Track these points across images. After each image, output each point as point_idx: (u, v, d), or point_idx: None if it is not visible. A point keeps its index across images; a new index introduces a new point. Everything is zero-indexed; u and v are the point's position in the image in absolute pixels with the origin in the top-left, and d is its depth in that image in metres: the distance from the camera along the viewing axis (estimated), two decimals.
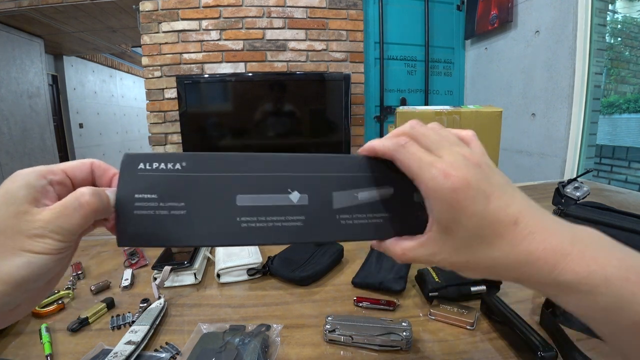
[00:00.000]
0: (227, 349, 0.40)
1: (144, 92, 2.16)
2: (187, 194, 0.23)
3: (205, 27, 2.13)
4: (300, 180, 0.24)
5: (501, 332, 0.44)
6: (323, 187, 0.25)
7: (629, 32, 2.15)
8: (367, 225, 0.25)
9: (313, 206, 0.24)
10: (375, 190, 0.25)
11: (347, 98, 2.09)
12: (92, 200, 0.20)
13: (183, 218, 0.23)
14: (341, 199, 0.25)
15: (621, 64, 2.21)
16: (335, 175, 0.25)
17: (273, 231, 0.23)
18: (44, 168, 0.21)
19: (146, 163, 0.23)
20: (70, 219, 0.20)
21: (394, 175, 0.25)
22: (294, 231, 0.24)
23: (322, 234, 0.24)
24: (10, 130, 3.03)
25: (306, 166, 0.25)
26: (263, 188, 0.24)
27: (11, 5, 2.44)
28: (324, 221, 0.24)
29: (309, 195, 0.24)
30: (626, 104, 2.24)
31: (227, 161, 0.24)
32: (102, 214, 0.21)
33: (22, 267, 0.18)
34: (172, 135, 2.19)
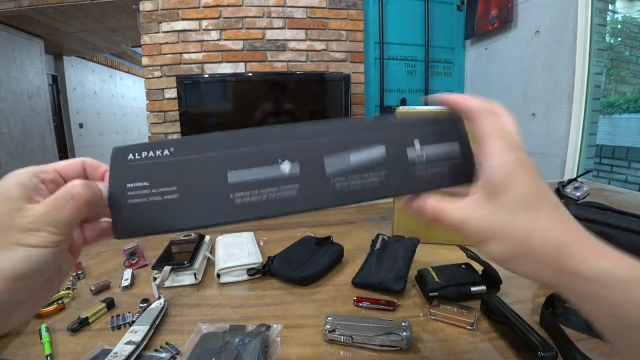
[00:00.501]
0: (227, 349, 0.40)
1: (144, 92, 2.16)
2: (178, 177, 0.23)
3: (205, 27, 2.13)
4: (289, 150, 0.24)
5: (501, 332, 0.44)
6: (313, 154, 0.24)
7: (629, 32, 2.15)
8: (363, 185, 0.25)
9: (305, 173, 0.24)
10: (366, 151, 0.25)
11: (347, 98, 2.09)
12: (84, 191, 0.21)
13: (177, 201, 0.23)
14: (333, 162, 0.24)
15: (621, 64, 2.21)
16: (325, 140, 0.25)
17: (268, 203, 0.23)
18: (36, 167, 0.21)
19: (135, 153, 0.23)
20: (63, 210, 0.20)
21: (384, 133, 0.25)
22: (289, 200, 0.24)
23: (319, 200, 0.24)
24: (10, 130, 3.03)
25: (294, 135, 0.25)
26: (253, 162, 0.24)
27: (11, 5, 2.44)
28: (318, 187, 0.24)
29: (300, 163, 0.24)
30: (626, 104, 2.24)
31: (214, 140, 0.24)
32: (94, 205, 0.21)
33: (18, 261, 0.18)
34: (172, 135, 2.19)
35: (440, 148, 0.26)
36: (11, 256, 0.18)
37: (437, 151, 0.26)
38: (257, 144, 0.24)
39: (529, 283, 0.57)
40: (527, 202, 0.20)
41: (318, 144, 0.25)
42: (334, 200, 0.24)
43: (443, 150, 0.26)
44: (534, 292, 0.54)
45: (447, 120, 0.27)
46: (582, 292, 0.19)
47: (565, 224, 0.20)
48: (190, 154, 0.23)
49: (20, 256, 0.19)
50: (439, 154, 0.26)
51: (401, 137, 0.26)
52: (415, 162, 0.25)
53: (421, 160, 0.25)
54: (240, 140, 0.24)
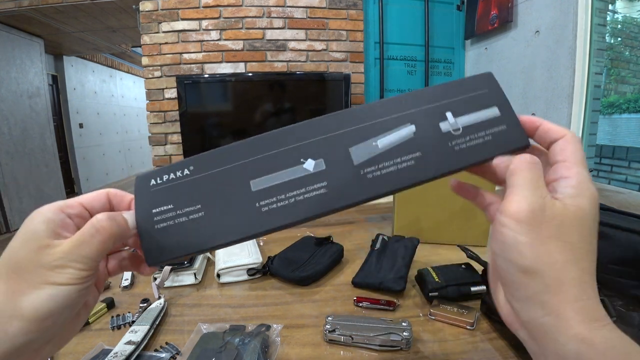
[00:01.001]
0: (227, 349, 0.40)
1: (144, 92, 2.16)
2: (201, 195, 0.23)
3: (205, 27, 2.13)
4: (310, 147, 0.23)
5: (501, 332, 0.44)
6: (337, 146, 0.23)
7: (629, 32, 2.15)
8: (397, 172, 0.22)
9: (332, 168, 0.22)
10: (394, 133, 0.23)
11: (347, 98, 2.09)
12: (108, 224, 0.21)
13: (203, 219, 0.22)
14: (360, 152, 0.23)
15: (621, 64, 2.21)
16: (346, 130, 0.23)
17: (297, 206, 0.22)
18: (61, 203, 0.21)
19: (157, 178, 0.23)
20: (89, 245, 0.20)
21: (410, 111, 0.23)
22: (320, 200, 0.22)
23: (351, 195, 0.22)
24: (10, 130, 3.02)
25: (312, 131, 0.23)
26: (274, 166, 0.23)
27: (11, 5, 2.44)
28: (348, 181, 0.22)
29: (324, 159, 0.23)
30: (626, 104, 2.24)
31: (231, 151, 0.23)
32: (120, 237, 0.21)
33: (46, 300, 0.18)
34: (172, 135, 2.19)
35: (477, 116, 0.23)
36: (39, 295, 0.18)
37: (475, 120, 0.23)
38: (275, 147, 0.23)
39: None
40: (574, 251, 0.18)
41: (340, 135, 0.23)
42: (368, 192, 0.22)
43: (481, 118, 0.23)
44: None
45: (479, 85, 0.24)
46: None
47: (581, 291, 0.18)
48: (209, 169, 0.23)
49: (47, 295, 0.18)
50: (478, 122, 0.23)
51: (430, 112, 0.23)
52: (452, 136, 0.23)
53: (458, 133, 0.23)
54: (257, 147, 0.23)
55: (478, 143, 0.23)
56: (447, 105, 0.23)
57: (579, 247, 0.18)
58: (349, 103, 2.11)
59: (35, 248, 0.19)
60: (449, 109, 0.23)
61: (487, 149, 0.22)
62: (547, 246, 0.18)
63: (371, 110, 0.24)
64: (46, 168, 3.46)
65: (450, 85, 0.24)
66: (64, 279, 0.19)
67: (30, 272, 0.19)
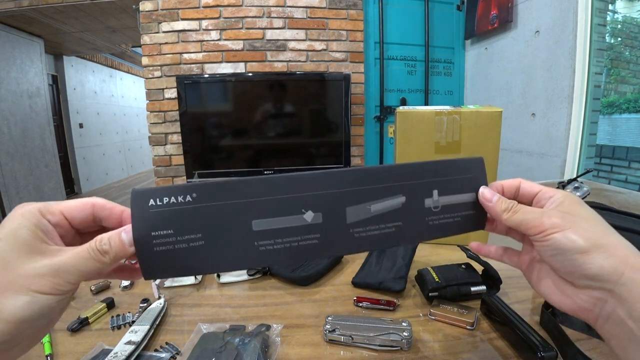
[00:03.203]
0: (227, 349, 0.40)
1: (144, 92, 2.16)
2: (203, 224, 0.23)
3: (205, 27, 2.13)
4: (313, 199, 0.25)
5: (501, 332, 0.44)
6: (336, 204, 0.25)
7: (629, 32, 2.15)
8: (379, 235, 0.26)
9: (327, 223, 0.25)
10: (387, 201, 0.26)
11: (347, 98, 2.09)
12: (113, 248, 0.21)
13: (202, 248, 0.23)
14: (354, 213, 0.25)
15: (621, 64, 2.21)
16: (348, 190, 0.25)
17: (290, 251, 0.24)
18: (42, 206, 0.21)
19: (156, 199, 0.23)
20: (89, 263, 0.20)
21: (406, 183, 0.26)
22: (310, 249, 0.24)
23: (338, 248, 0.25)
24: (10, 130, 3.02)
25: (317, 184, 0.25)
26: (277, 211, 0.24)
27: (11, 5, 2.44)
28: (338, 236, 0.25)
29: (322, 213, 0.25)
30: (626, 104, 2.24)
31: (239, 187, 0.24)
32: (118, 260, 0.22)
33: (27, 305, 0.18)
34: (172, 135, 2.19)
35: (456, 198, 0.27)
36: (22, 300, 0.18)
37: (453, 201, 0.27)
38: (280, 192, 0.24)
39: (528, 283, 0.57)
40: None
41: (341, 194, 0.25)
42: (352, 248, 0.26)
43: (459, 200, 0.28)
44: (534, 292, 0.54)
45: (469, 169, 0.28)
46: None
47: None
48: (213, 200, 0.23)
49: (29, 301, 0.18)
50: (454, 204, 0.27)
51: (422, 187, 0.27)
52: (430, 211, 0.27)
53: (437, 210, 0.27)
54: (263, 188, 0.24)
55: (448, 222, 0.27)
56: (436, 184, 0.27)
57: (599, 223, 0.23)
58: (349, 103, 2.11)
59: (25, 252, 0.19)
60: (436, 187, 0.27)
61: (453, 228, 0.28)
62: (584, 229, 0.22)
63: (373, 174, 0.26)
64: (46, 168, 3.47)
65: (445, 163, 0.28)
66: (48, 289, 0.19)
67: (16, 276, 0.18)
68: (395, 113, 0.71)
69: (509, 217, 0.25)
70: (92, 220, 0.23)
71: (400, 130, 0.70)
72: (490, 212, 0.27)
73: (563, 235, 0.22)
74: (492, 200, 0.27)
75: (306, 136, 2.17)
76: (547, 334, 0.43)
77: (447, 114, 0.67)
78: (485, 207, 0.27)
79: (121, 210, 0.23)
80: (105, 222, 0.23)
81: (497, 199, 0.26)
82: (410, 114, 0.69)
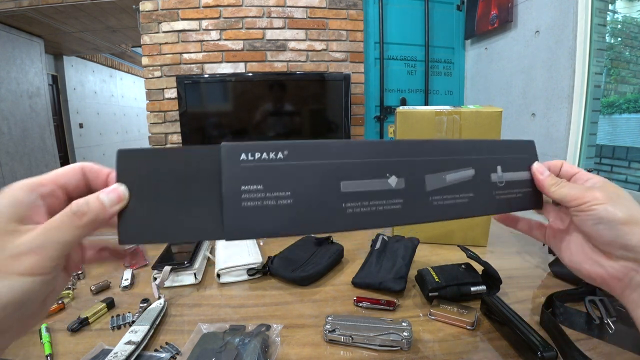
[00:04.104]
0: (227, 349, 0.40)
1: (144, 92, 2.16)
2: (292, 182, 0.23)
3: (205, 27, 2.13)
4: (396, 165, 0.26)
5: (501, 332, 0.44)
6: (417, 171, 0.26)
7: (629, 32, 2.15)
8: (454, 205, 0.27)
9: (409, 189, 0.26)
10: (459, 173, 0.28)
11: (347, 98, 2.09)
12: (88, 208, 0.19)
13: (290, 207, 0.23)
14: (432, 181, 0.27)
15: (621, 64, 2.21)
16: (426, 159, 0.27)
17: (376, 215, 0.24)
18: (32, 181, 0.20)
19: (248, 153, 0.23)
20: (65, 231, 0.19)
21: (474, 157, 0.28)
22: (394, 214, 0.25)
23: (418, 215, 0.26)
24: (10, 130, 3.02)
25: (401, 151, 0.26)
26: (364, 174, 0.25)
27: (11, 5, 2.44)
28: (419, 203, 0.26)
29: (405, 179, 0.26)
30: (626, 104, 2.24)
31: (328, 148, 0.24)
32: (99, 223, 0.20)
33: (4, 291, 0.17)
34: (172, 135, 2.19)
35: (517, 175, 0.29)
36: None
37: (515, 178, 0.29)
38: (366, 156, 0.25)
39: (528, 283, 0.57)
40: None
41: (420, 162, 0.27)
42: (432, 216, 0.26)
43: (519, 178, 0.30)
44: (534, 292, 0.54)
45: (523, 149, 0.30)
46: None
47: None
48: (304, 159, 0.24)
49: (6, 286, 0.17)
50: (516, 181, 0.29)
51: (487, 162, 0.29)
52: (497, 186, 0.29)
53: (502, 185, 0.29)
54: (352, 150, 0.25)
55: (511, 197, 0.29)
56: (499, 160, 0.29)
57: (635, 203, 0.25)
58: (349, 103, 2.11)
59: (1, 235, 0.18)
60: (500, 164, 0.29)
61: (516, 204, 0.29)
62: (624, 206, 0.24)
63: (447, 146, 0.28)
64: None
65: (504, 143, 0.30)
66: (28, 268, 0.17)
67: None
68: (395, 113, 0.71)
69: (556, 190, 0.27)
70: (84, 185, 0.22)
71: (400, 130, 0.70)
72: (540, 185, 0.29)
73: (605, 207, 0.24)
74: (544, 174, 0.29)
75: (306, 136, 2.17)
76: (547, 334, 0.43)
77: (447, 114, 0.67)
78: (536, 180, 0.29)
79: (107, 172, 0.23)
80: (93, 184, 0.22)
81: (547, 174, 0.29)
82: (410, 114, 0.69)
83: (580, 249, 0.27)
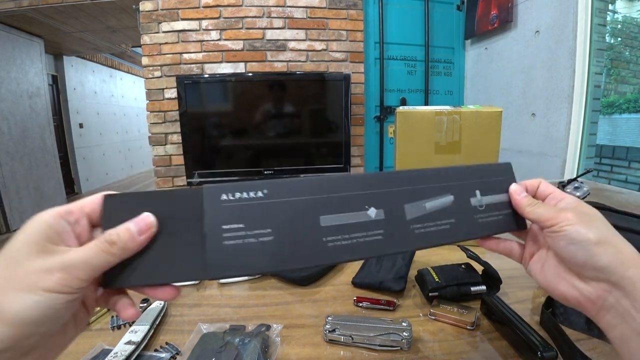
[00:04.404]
0: (227, 349, 0.40)
1: (144, 92, 2.16)
2: (273, 219, 0.24)
3: (205, 27, 2.12)
4: (374, 197, 0.26)
5: (501, 332, 0.44)
6: (396, 201, 0.27)
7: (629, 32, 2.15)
8: (437, 231, 0.27)
9: (389, 220, 0.26)
10: (439, 200, 0.28)
11: (347, 98, 2.09)
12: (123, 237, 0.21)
13: (271, 244, 0.23)
14: (412, 210, 0.27)
15: (621, 64, 2.21)
16: (403, 189, 0.27)
17: (357, 247, 0.25)
18: (62, 209, 0.21)
19: (228, 194, 0.23)
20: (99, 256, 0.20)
21: (452, 184, 0.29)
22: (375, 245, 0.25)
23: (400, 244, 0.26)
24: (10, 130, 3.02)
25: (377, 183, 0.27)
26: (343, 207, 0.25)
27: (11, 5, 2.44)
28: (400, 232, 0.26)
29: (384, 210, 0.26)
30: (626, 104, 2.24)
31: (305, 184, 0.25)
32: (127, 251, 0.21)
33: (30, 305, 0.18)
34: (172, 135, 2.19)
35: (496, 198, 0.30)
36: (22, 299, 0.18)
37: (494, 201, 0.30)
38: (344, 190, 0.26)
39: (528, 283, 0.57)
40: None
41: (397, 192, 0.27)
42: (414, 244, 0.27)
43: (498, 200, 0.30)
44: (534, 292, 0.54)
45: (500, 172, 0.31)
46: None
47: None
48: (284, 196, 0.24)
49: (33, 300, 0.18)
50: (496, 203, 0.30)
51: (465, 187, 0.29)
52: (477, 210, 0.29)
53: (482, 209, 0.29)
54: (329, 186, 0.25)
55: (493, 220, 0.30)
56: (477, 184, 0.30)
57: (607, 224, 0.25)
58: (349, 103, 2.11)
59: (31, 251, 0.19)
60: (478, 188, 0.30)
61: (500, 225, 0.30)
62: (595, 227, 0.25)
63: (423, 174, 0.28)
64: (46, 168, 3.46)
65: (479, 167, 0.31)
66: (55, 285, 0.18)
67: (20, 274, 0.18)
68: (395, 113, 0.71)
69: (531, 210, 0.28)
70: None
71: (400, 130, 0.70)
72: (517, 205, 0.30)
73: (576, 228, 0.25)
74: (520, 194, 0.29)
75: (306, 136, 2.17)
76: (547, 334, 0.43)
77: (447, 114, 0.67)
78: (513, 201, 0.30)
79: None
80: None
81: (524, 195, 0.29)
82: (410, 114, 0.69)
83: (554, 270, 0.27)
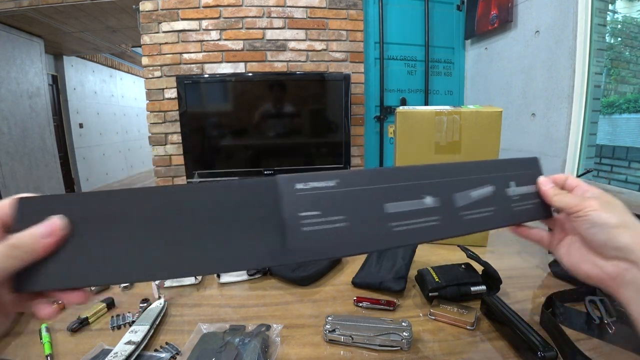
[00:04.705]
0: (227, 349, 0.40)
1: (144, 92, 2.16)
2: (345, 207, 0.26)
3: (205, 27, 2.12)
4: (429, 186, 0.29)
5: (501, 332, 0.44)
6: (446, 190, 0.30)
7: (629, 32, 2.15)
8: (481, 218, 0.30)
9: (443, 207, 0.29)
10: (482, 190, 0.31)
11: (347, 98, 2.09)
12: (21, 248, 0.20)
13: (345, 229, 0.25)
14: (460, 198, 0.30)
15: (621, 64, 2.21)
16: (452, 180, 0.30)
17: (418, 231, 0.27)
18: None
19: (302, 183, 0.25)
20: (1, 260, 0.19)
21: (491, 175, 0.32)
22: (433, 229, 0.28)
23: (454, 229, 0.29)
24: (10, 130, 3.02)
25: (430, 174, 0.30)
26: (404, 196, 0.28)
27: (11, 5, 2.44)
28: (453, 218, 0.29)
29: (439, 198, 0.29)
30: (626, 104, 2.24)
31: (371, 175, 0.28)
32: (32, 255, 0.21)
33: None
34: (172, 135, 2.19)
35: (527, 189, 0.33)
36: None
37: (526, 191, 0.33)
38: (403, 180, 0.28)
39: (528, 283, 0.57)
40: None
41: (446, 183, 0.30)
42: (465, 229, 0.30)
43: (529, 191, 0.33)
44: (534, 292, 0.54)
45: (530, 165, 0.34)
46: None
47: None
48: (352, 186, 0.26)
49: None
50: (527, 193, 0.33)
51: (502, 179, 0.32)
52: (512, 199, 0.32)
53: (516, 198, 0.32)
54: (392, 176, 0.28)
55: (525, 208, 0.33)
56: (511, 177, 0.33)
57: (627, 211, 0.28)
58: (349, 103, 2.11)
59: None
60: (513, 180, 0.33)
61: (529, 214, 0.33)
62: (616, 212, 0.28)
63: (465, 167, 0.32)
64: (46, 168, 3.46)
65: (512, 161, 0.34)
66: None
67: None
68: (396, 113, 0.71)
69: (558, 199, 0.31)
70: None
71: (400, 130, 0.70)
72: (545, 195, 0.33)
73: (598, 214, 0.28)
74: (547, 185, 0.33)
75: (306, 136, 2.17)
76: (547, 334, 0.43)
77: (447, 114, 0.67)
78: (541, 191, 0.33)
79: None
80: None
81: (551, 186, 0.33)
82: (410, 114, 0.69)
83: (578, 252, 0.30)
